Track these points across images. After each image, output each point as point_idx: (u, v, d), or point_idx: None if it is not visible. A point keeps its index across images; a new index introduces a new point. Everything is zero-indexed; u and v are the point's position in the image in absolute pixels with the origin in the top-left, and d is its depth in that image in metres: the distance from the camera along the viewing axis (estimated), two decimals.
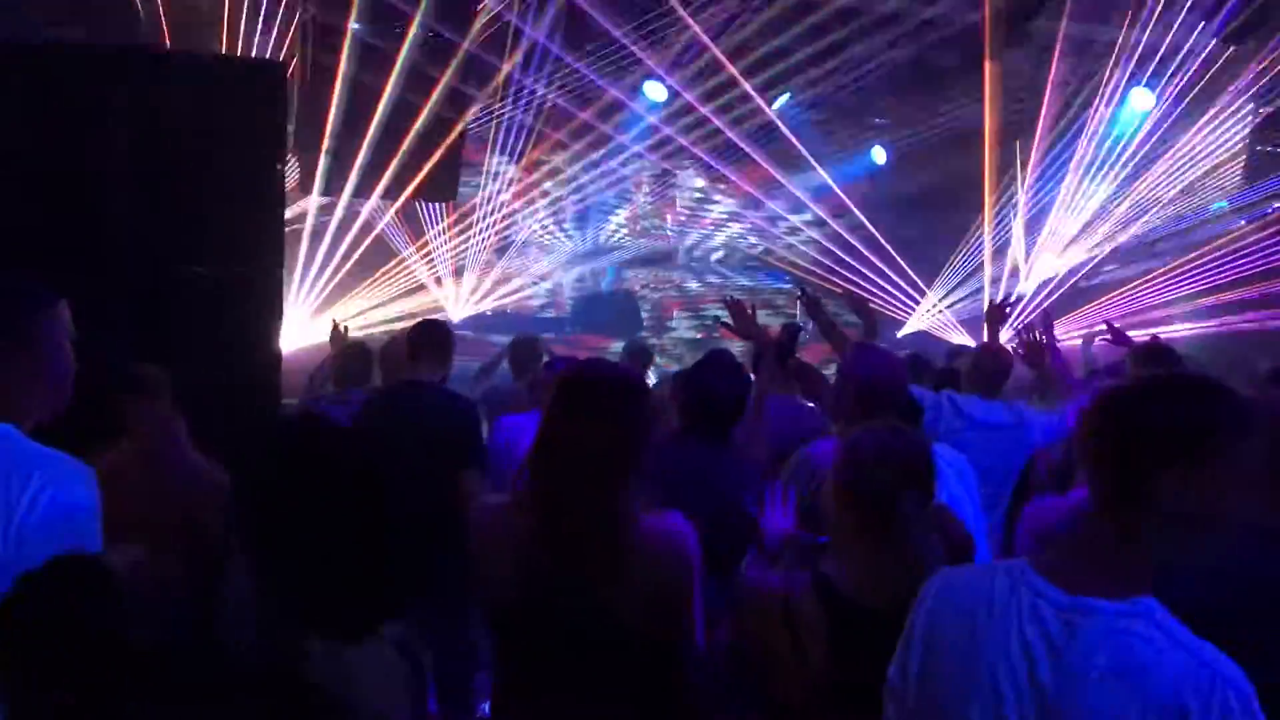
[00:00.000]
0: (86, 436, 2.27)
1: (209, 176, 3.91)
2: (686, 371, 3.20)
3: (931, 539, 1.92)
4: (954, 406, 3.60)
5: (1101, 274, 10.01)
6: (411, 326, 4.03)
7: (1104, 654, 1.28)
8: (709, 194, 11.93)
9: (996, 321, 4.25)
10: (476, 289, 10.71)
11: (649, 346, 6.56)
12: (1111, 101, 8.30)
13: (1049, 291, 9.67)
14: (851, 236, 10.59)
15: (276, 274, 4.08)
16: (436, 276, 10.34)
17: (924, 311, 10.79)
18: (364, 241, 9.14)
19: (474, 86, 7.48)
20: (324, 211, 8.41)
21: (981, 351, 4.16)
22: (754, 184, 10.55)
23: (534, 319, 11.21)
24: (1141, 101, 8.29)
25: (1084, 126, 8.68)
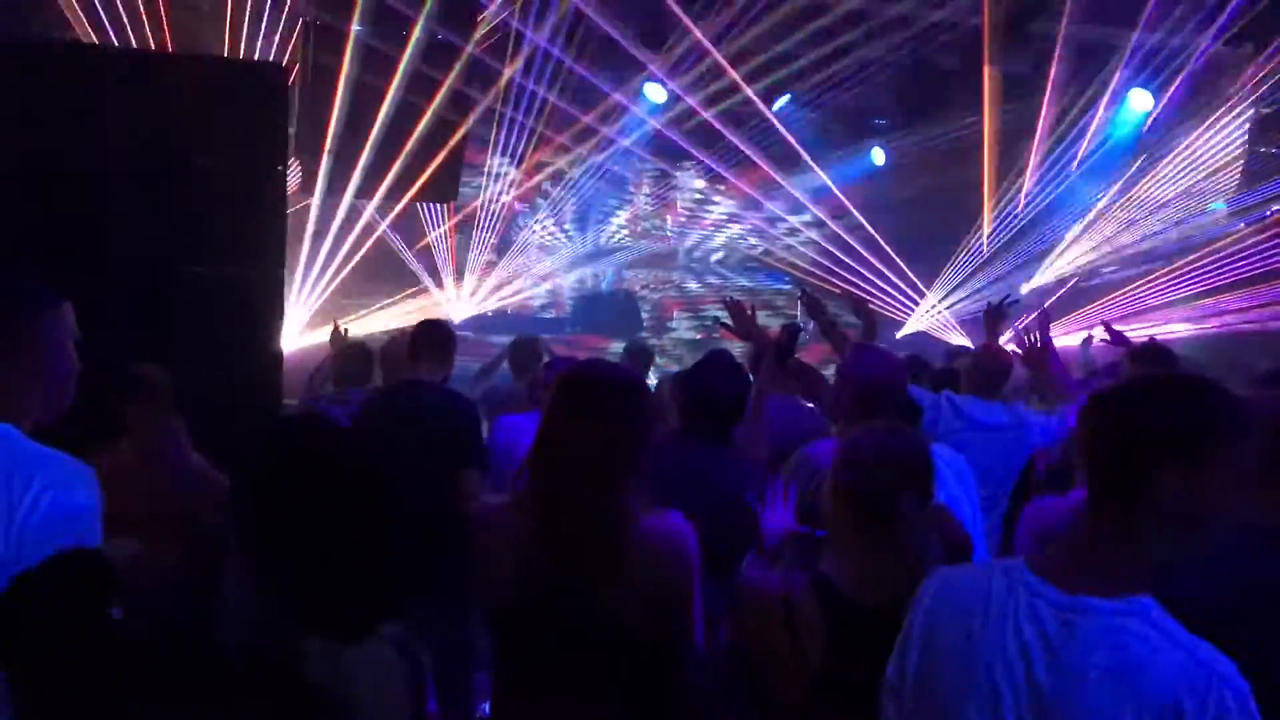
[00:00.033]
0: (86, 436, 2.28)
1: (210, 177, 3.91)
2: (686, 371, 3.20)
3: (930, 539, 1.93)
4: (953, 407, 3.60)
5: (1101, 274, 10.01)
6: (413, 326, 4.03)
7: (1101, 653, 1.29)
8: (709, 195, 11.93)
9: (996, 322, 4.27)
10: (476, 290, 10.71)
11: (649, 347, 6.55)
12: (1110, 102, 8.29)
13: (1048, 292, 9.66)
14: (851, 237, 10.59)
15: (277, 274, 4.09)
16: (438, 279, 10.34)
17: (923, 312, 10.79)
18: (365, 244, 9.14)
19: (476, 89, 7.48)
20: (326, 212, 8.41)
21: (981, 352, 4.16)
22: (754, 185, 10.55)
23: (534, 319, 11.21)
24: (1140, 102, 8.28)
25: (1083, 127, 8.67)
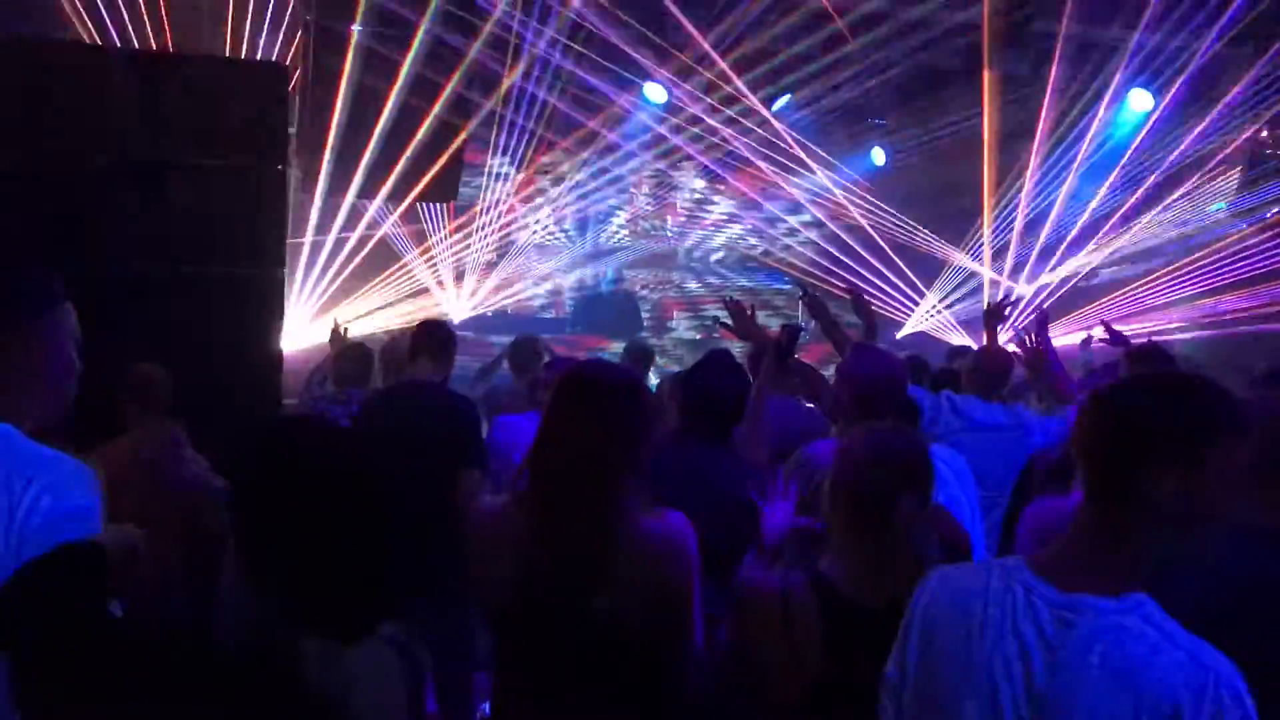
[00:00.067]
0: (86, 436, 2.28)
1: (210, 177, 3.92)
2: (686, 371, 3.20)
3: (929, 539, 1.93)
4: (953, 407, 3.60)
5: (1101, 275, 10.01)
6: (413, 327, 4.04)
7: (1099, 651, 1.29)
8: (709, 195, 11.93)
9: (995, 323, 4.28)
10: (476, 291, 10.71)
11: (650, 347, 6.54)
12: (1110, 103, 8.28)
13: (1048, 293, 9.67)
14: (851, 238, 10.59)
15: (278, 274, 4.09)
16: (438, 279, 10.33)
17: (923, 313, 10.79)
18: (367, 245, 9.13)
19: (477, 91, 7.48)
20: (326, 213, 8.41)
21: (982, 354, 4.17)
22: (753, 185, 10.55)
23: (534, 319, 11.20)
24: (1140, 103, 8.27)
25: (1083, 128, 8.66)
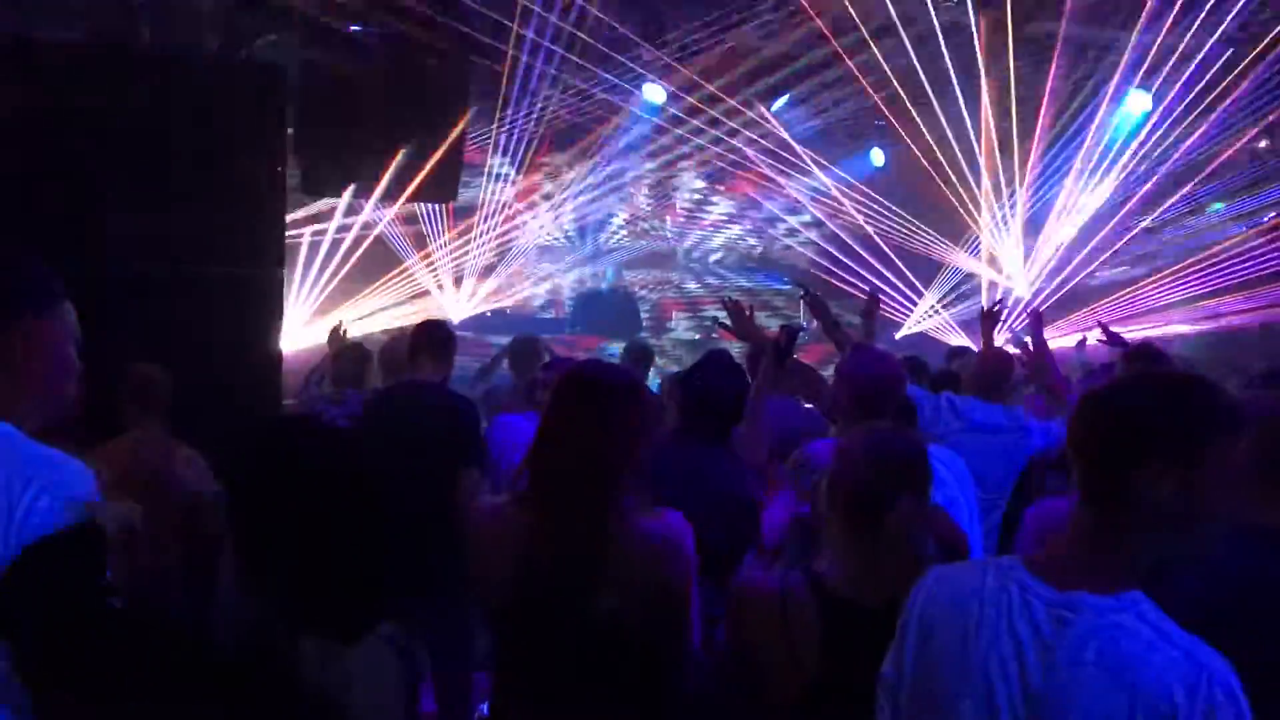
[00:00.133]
0: (86, 436, 2.28)
1: (210, 177, 3.92)
2: (686, 372, 3.21)
3: (926, 539, 1.93)
4: (952, 407, 3.60)
5: (1099, 276, 10.01)
6: (413, 327, 4.04)
7: (1094, 648, 1.30)
8: (708, 195, 11.93)
9: (991, 325, 4.32)
10: (475, 292, 10.70)
11: (650, 347, 6.53)
12: (1108, 104, 8.28)
13: (1048, 293, 9.67)
14: (850, 238, 10.60)
15: (277, 274, 4.10)
16: (438, 281, 10.33)
17: (922, 313, 10.80)
18: (364, 242, 9.12)
19: (477, 91, 7.46)
20: (326, 214, 8.41)
21: (983, 356, 4.19)
22: (753, 185, 10.55)
23: (534, 320, 11.21)
24: (1138, 104, 8.27)
25: (1081, 129, 8.67)
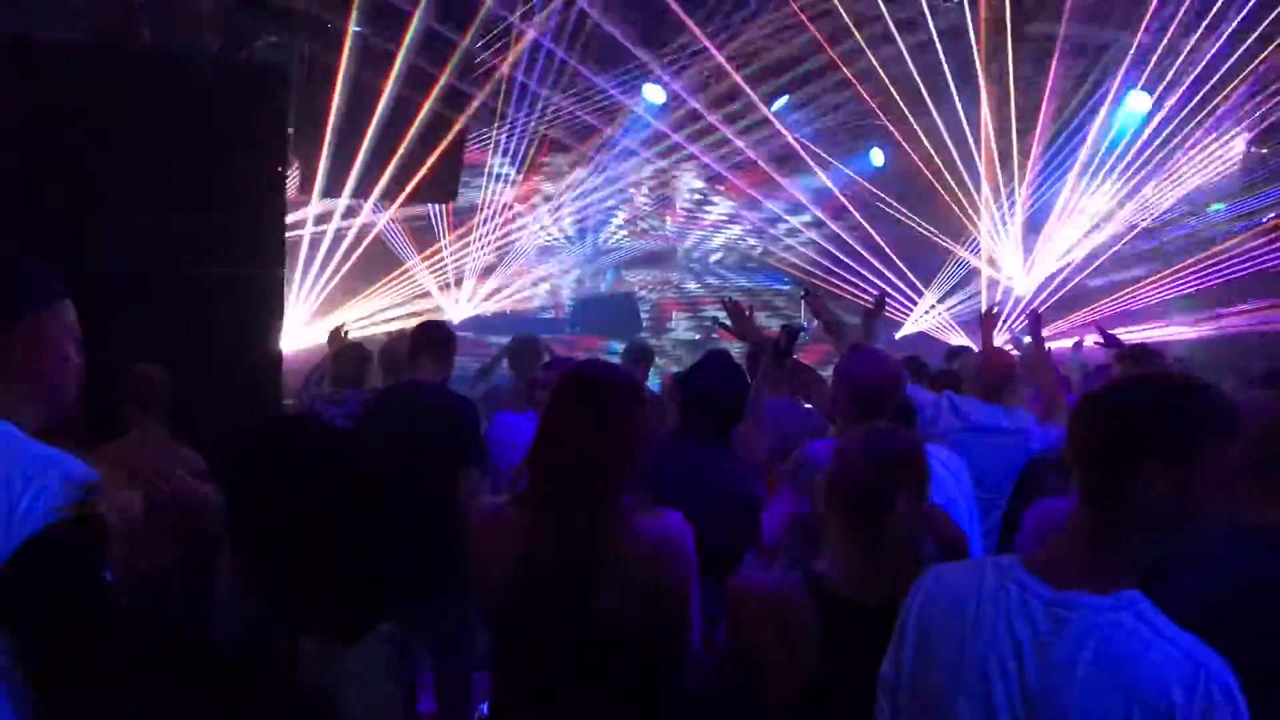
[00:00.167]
0: (87, 436, 2.28)
1: (210, 177, 3.92)
2: (685, 372, 3.21)
3: (924, 539, 1.93)
4: (953, 407, 3.60)
5: (1100, 276, 10.01)
6: (412, 327, 4.04)
7: (1090, 647, 1.30)
8: (708, 195, 11.93)
9: (990, 327, 4.36)
10: (474, 294, 10.70)
11: (650, 347, 6.52)
12: (1108, 104, 8.28)
13: (1048, 294, 9.67)
14: (850, 238, 10.59)
15: (277, 274, 4.10)
16: (439, 283, 10.33)
17: (921, 313, 10.80)
18: (363, 242, 9.12)
19: (475, 86, 7.48)
20: (325, 214, 8.40)
21: (984, 357, 4.21)
22: (753, 185, 10.55)
23: (534, 320, 11.20)
24: (1138, 104, 8.27)
25: (1082, 129, 8.66)
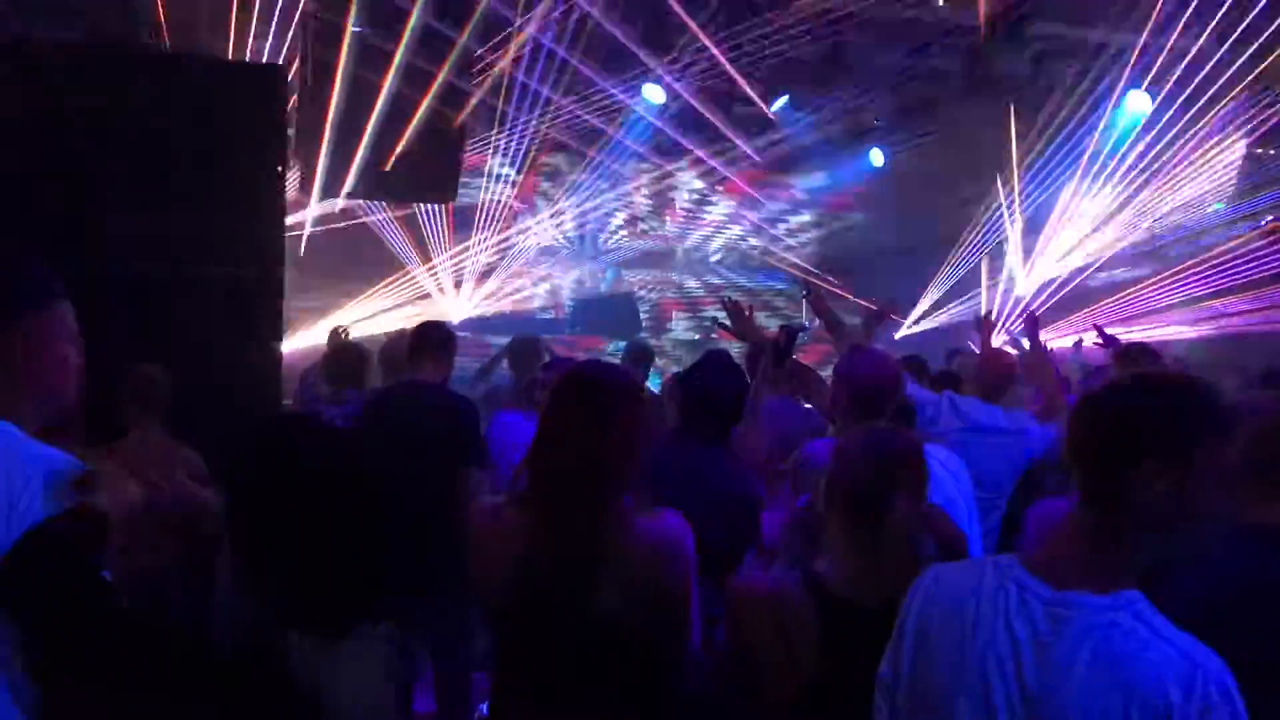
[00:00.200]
0: (87, 436, 2.28)
1: (210, 177, 3.93)
2: (685, 372, 3.21)
3: (924, 539, 1.94)
4: (953, 407, 3.60)
5: (1099, 276, 10.01)
6: (413, 328, 4.04)
7: (1089, 647, 1.30)
8: (708, 195, 11.93)
9: (988, 330, 4.39)
10: (475, 294, 10.70)
11: (650, 347, 6.52)
12: (1109, 104, 8.28)
13: (1046, 294, 9.67)
14: (850, 238, 10.59)
15: (277, 274, 4.10)
16: (439, 285, 10.33)
17: (921, 313, 10.80)
18: (359, 240, 9.11)
19: (475, 86, 7.47)
20: (325, 214, 8.40)
21: (983, 358, 4.22)
22: (753, 185, 10.55)
23: (533, 320, 11.19)
24: (1138, 104, 8.26)
25: (1081, 129, 8.66)
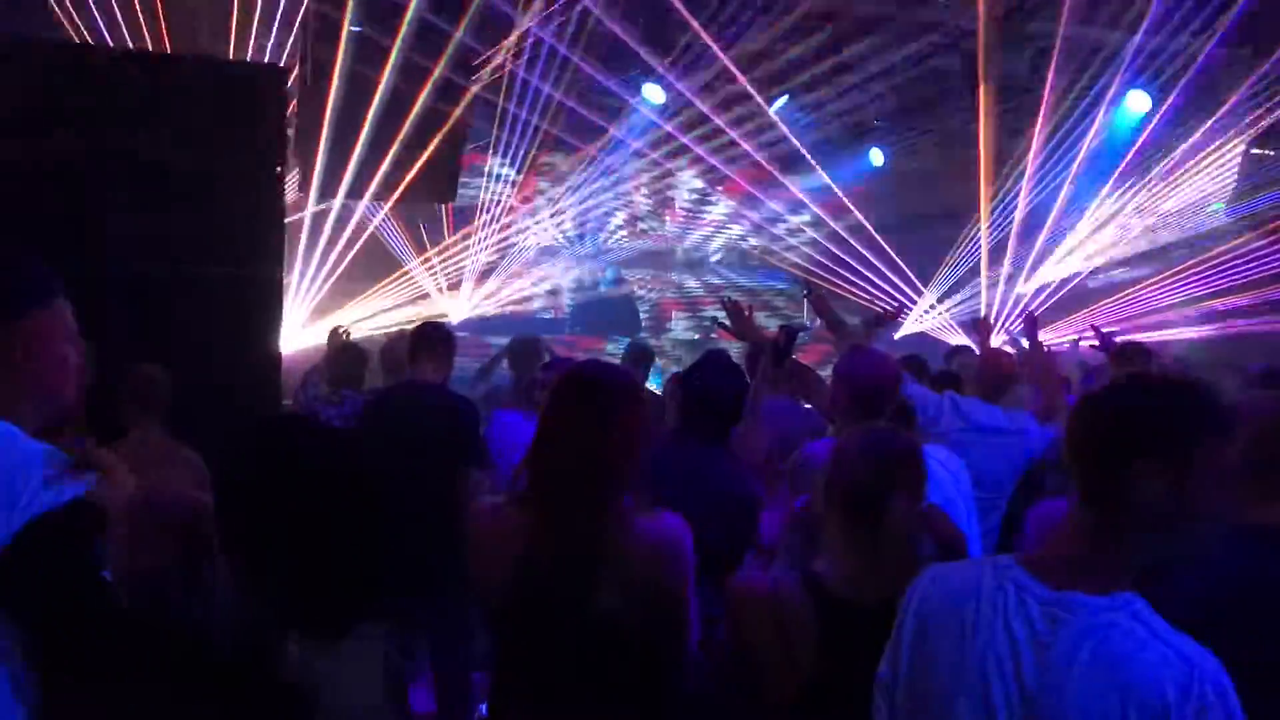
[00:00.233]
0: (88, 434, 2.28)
1: (209, 178, 3.93)
2: (685, 372, 3.21)
3: (923, 538, 1.94)
4: (954, 407, 3.60)
5: (1099, 276, 10.01)
6: (412, 328, 4.05)
7: (1087, 647, 1.30)
8: (708, 195, 11.92)
9: (986, 333, 4.41)
10: (475, 291, 10.70)
11: (650, 348, 6.52)
12: (1108, 104, 8.27)
13: (1046, 294, 9.67)
14: (849, 237, 10.59)
15: (276, 275, 4.11)
16: (439, 285, 10.33)
17: (920, 313, 10.79)
18: (359, 240, 9.10)
19: (474, 83, 7.47)
20: (324, 214, 8.39)
21: (984, 358, 4.23)
22: (753, 185, 10.54)
23: (533, 320, 11.19)
24: (1137, 104, 8.26)
25: (1080, 129, 8.66)
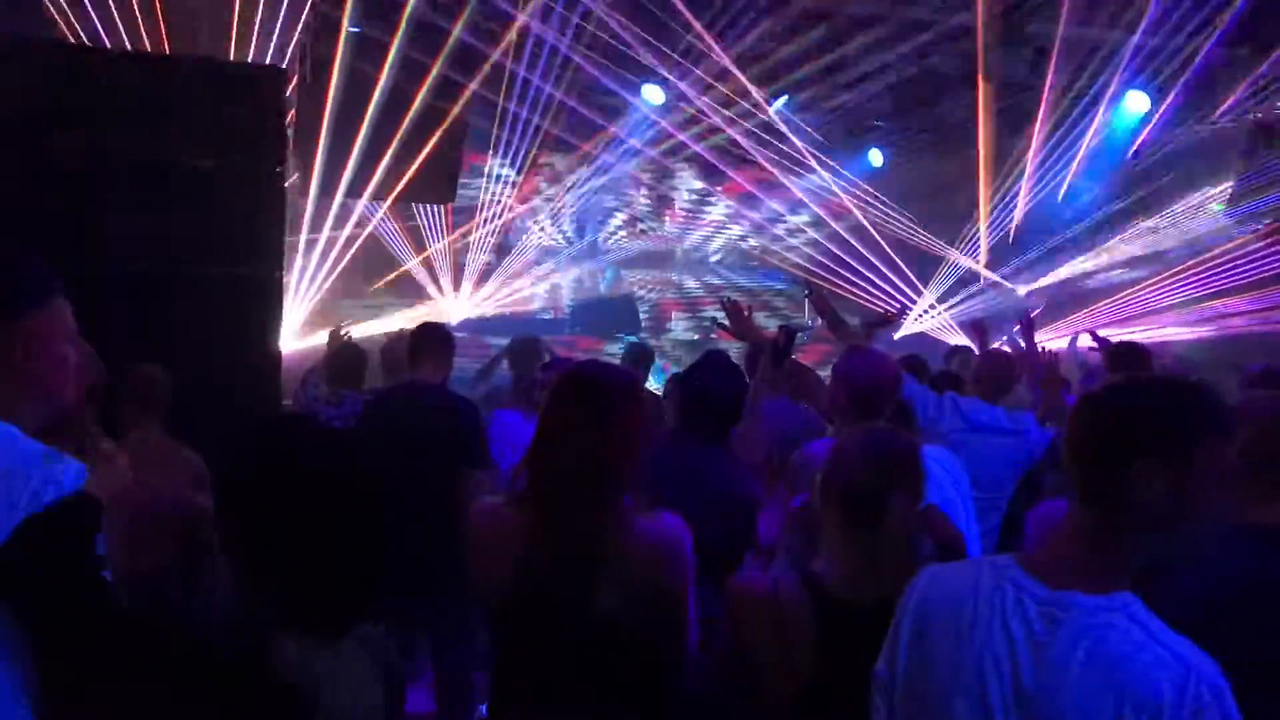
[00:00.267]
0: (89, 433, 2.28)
1: (210, 178, 3.94)
2: (684, 372, 3.21)
3: (921, 538, 1.94)
4: (955, 407, 3.61)
5: (1099, 277, 10.01)
6: (412, 328, 4.05)
7: (1084, 648, 1.31)
8: (708, 195, 11.93)
9: (983, 332, 4.43)
10: (475, 292, 10.71)
11: (649, 348, 6.51)
12: (1107, 104, 8.27)
13: (1046, 294, 9.68)
14: (849, 237, 10.60)
15: (277, 275, 4.11)
16: (439, 285, 10.34)
17: (920, 313, 10.80)
18: (359, 238, 9.11)
19: (477, 92, 7.47)
20: (320, 213, 8.39)
21: (983, 359, 4.24)
22: (752, 185, 10.55)
23: (533, 321, 11.19)
24: (1137, 104, 8.26)
25: (1080, 128, 8.66)
